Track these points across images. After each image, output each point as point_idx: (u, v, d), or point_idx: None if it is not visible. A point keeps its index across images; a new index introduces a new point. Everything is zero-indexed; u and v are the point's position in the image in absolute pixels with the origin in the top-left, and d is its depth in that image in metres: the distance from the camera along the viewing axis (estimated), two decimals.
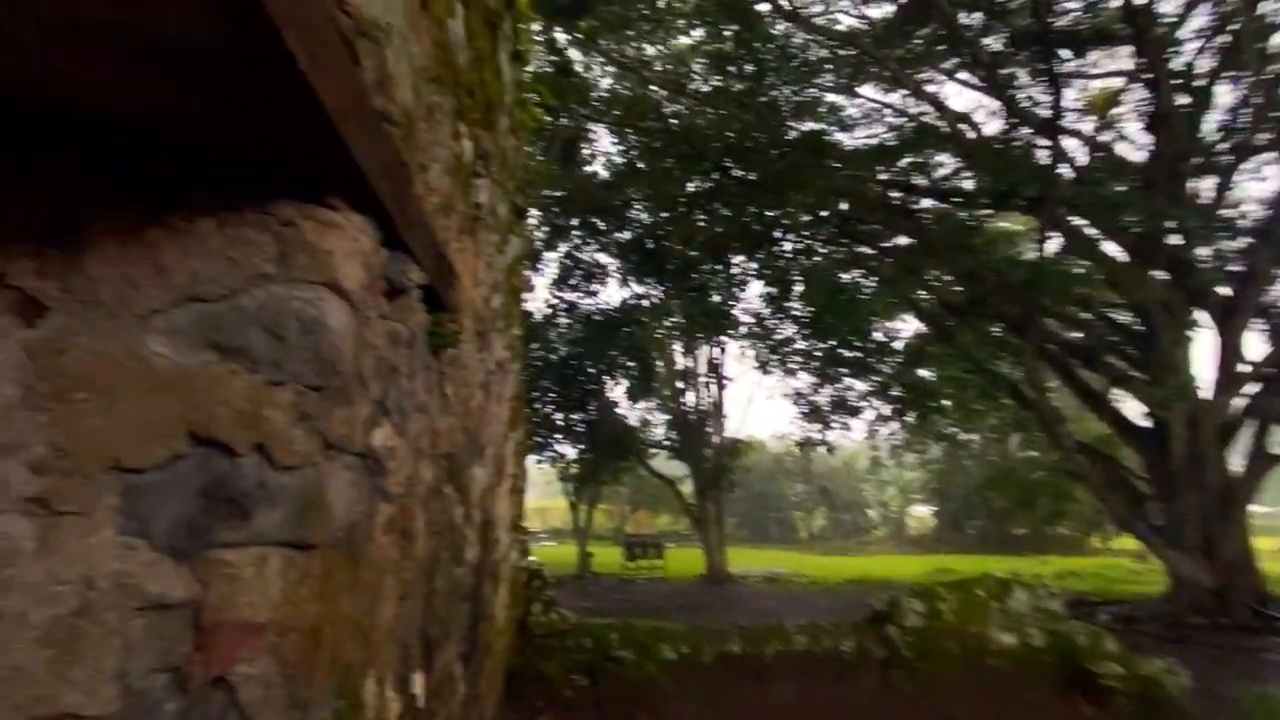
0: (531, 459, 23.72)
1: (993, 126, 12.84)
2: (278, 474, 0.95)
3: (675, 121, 13.06)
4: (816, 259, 15.95)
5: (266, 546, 0.91)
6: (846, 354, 17.36)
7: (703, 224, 14.38)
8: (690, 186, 13.83)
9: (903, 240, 14.37)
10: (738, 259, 15.66)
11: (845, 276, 16.00)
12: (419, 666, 1.65)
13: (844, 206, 13.62)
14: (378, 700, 1.29)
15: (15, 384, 0.88)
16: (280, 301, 1.01)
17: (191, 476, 0.92)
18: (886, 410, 18.07)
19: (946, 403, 16.25)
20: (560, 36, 13.31)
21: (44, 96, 0.86)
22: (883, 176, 13.10)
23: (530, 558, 6.60)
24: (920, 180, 13.15)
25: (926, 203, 14.06)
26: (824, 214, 13.75)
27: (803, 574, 19.79)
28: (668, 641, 5.69)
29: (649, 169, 13.79)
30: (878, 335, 17.69)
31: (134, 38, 0.73)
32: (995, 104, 12.54)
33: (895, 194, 13.35)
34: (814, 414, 18.86)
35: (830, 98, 13.79)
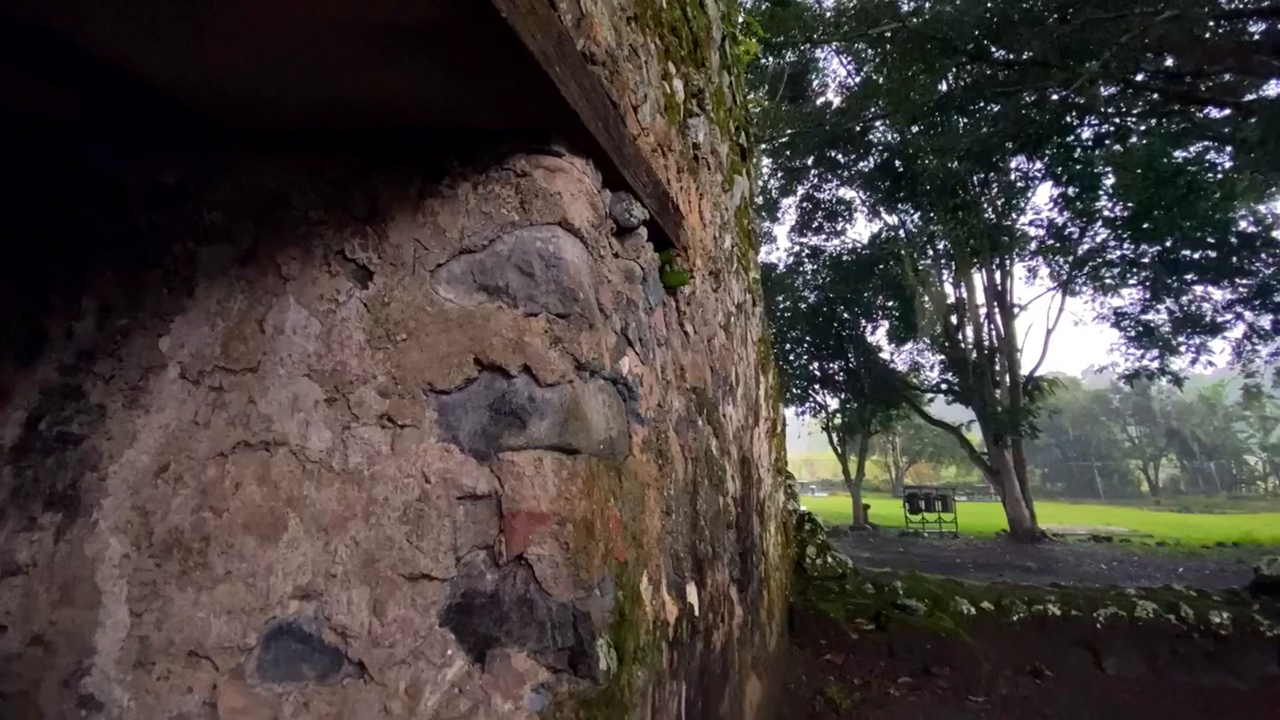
0: (792, 410, 23.65)
1: None
2: (543, 390, 1.10)
3: (915, 20, 11.32)
4: (1134, 140, 12.52)
5: (540, 450, 1.06)
6: (1193, 255, 13.41)
7: (965, 128, 12.31)
8: (942, 88, 11.93)
9: (1274, 88, 10.40)
10: (1015, 162, 13.10)
11: (1181, 154, 12.28)
12: (692, 579, 1.77)
13: (1169, 62, 10.36)
14: (655, 599, 1.42)
15: (361, 330, 1.16)
16: (525, 243, 1.15)
17: (481, 395, 1.11)
18: (1265, 322, 13.55)
19: None
20: None
21: (345, 106, 1.11)
22: (1235, 4, 9.59)
23: (798, 504, 6.59)
24: None
25: None
26: (1139, 78, 10.64)
27: (1146, 534, 16.17)
28: (963, 595, 5.20)
29: (888, 80, 12.25)
30: (1245, 224, 13.27)
31: (375, 29, 0.88)
32: None
33: (1255, 24, 9.68)
34: (1147, 337, 15.04)
35: None
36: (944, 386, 19.06)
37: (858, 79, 15.87)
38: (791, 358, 21.87)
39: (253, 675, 1.05)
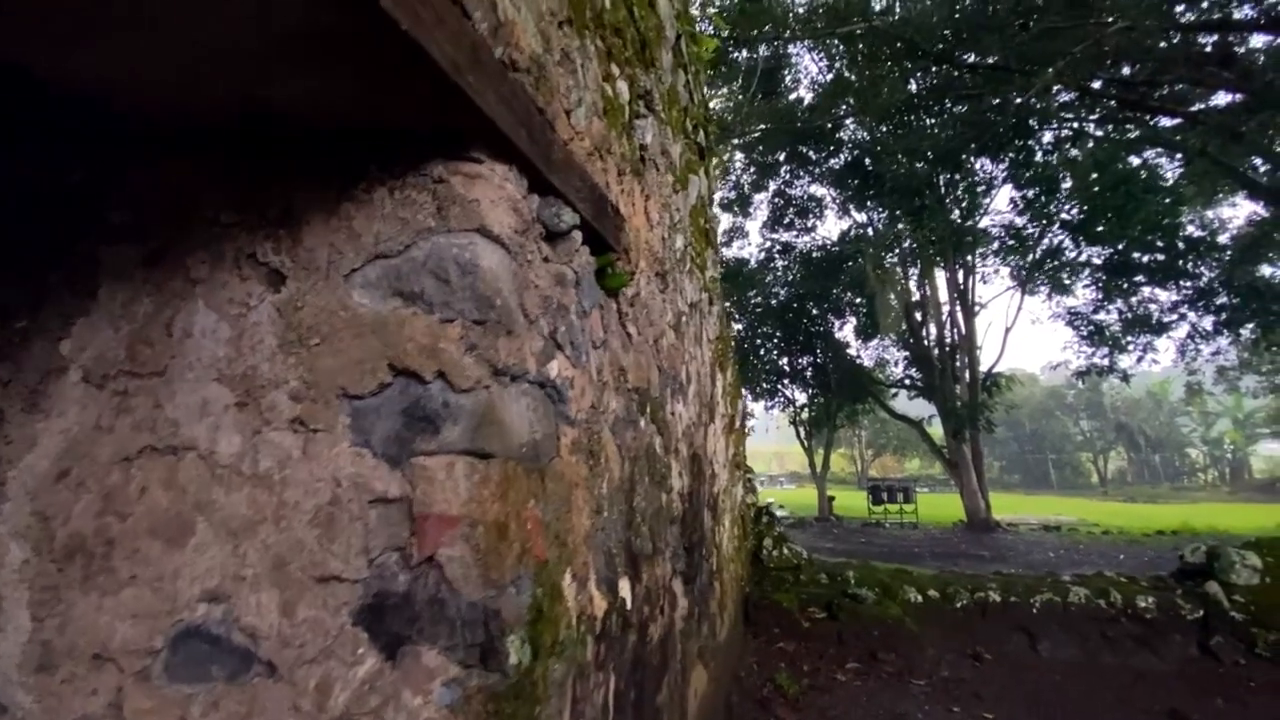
0: (761, 405, 23.93)
1: None
2: (457, 395, 1.11)
3: (884, 20, 11.47)
4: (1091, 145, 12.94)
5: (453, 455, 1.08)
6: (1142, 258, 13.94)
7: (931, 129, 12.57)
8: (911, 88, 12.13)
9: (1222, 98, 10.85)
10: (978, 163, 13.42)
11: (1135, 160, 12.74)
12: (625, 574, 1.81)
13: (1125, 71, 10.71)
14: (580, 595, 1.45)
15: (273, 334, 1.16)
16: (442, 250, 1.16)
17: (395, 400, 1.12)
18: (1207, 324, 14.18)
19: None
20: None
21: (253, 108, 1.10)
22: (1186, 18, 9.96)
23: (765, 497, 6.70)
24: (1244, 10, 9.72)
25: (1258, 40, 10.39)
26: (1095, 85, 10.99)
27: (1093, 523, 16.86)
28: (911, 583, 5.37)
29: (857, 79, 12.42)
30: (1191, 229, 13.83)
31: (278, 35, 0.88)
32: None
33: (1205, 37, 10.08)
34: (1098, 336, 15.62)
35: None
36: (908, 382, 19.53)
37: (829, 76, 16.04)
38: (762, 353, 22.13)
39: (160, 677, 1.05)
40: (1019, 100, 11.33)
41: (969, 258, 16.35)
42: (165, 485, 1.11)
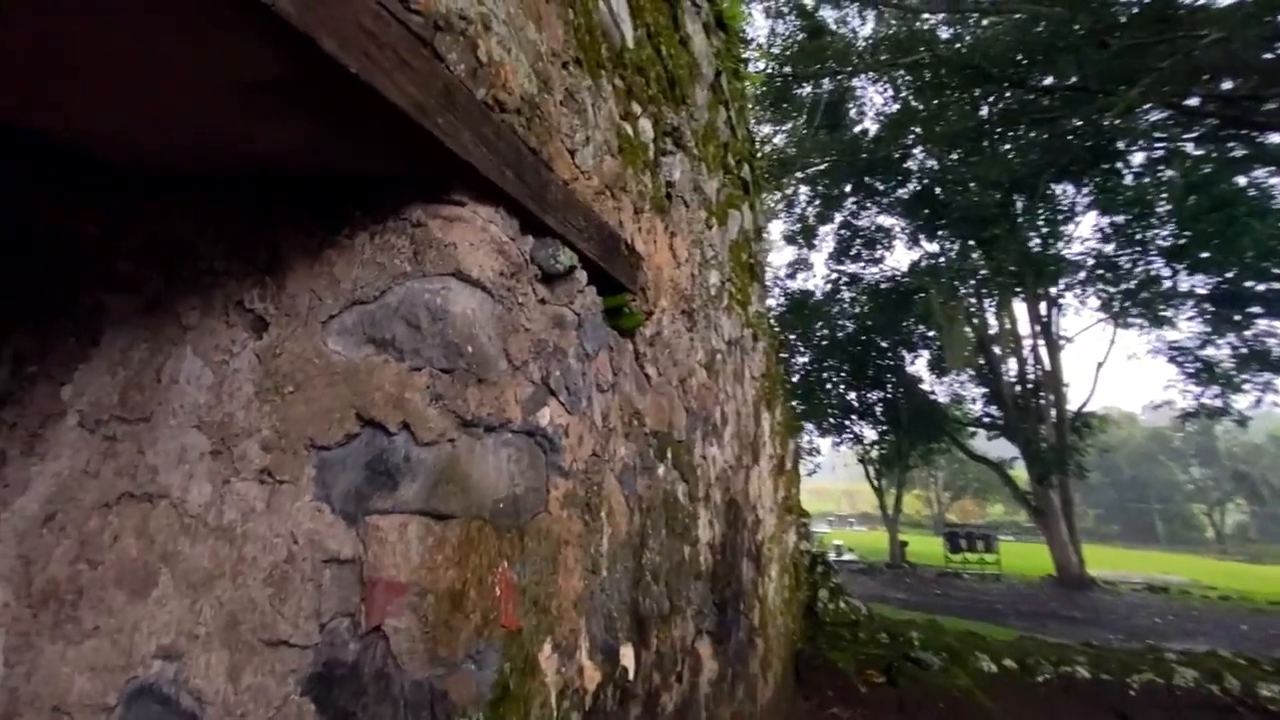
0: (828, 441, 23.04)
1: None
2: (419, 449, 1.06)
3: (951, 48, 11.13)
4: (1190, 165, 11.94)
5: (407, 514, 1.02)
6: (1256, 286, 12.62)
7: (1004, 155, 11.97)
8: (982, 114, 11.64)
9: None
10: (1060, 188, 12.63)
11: (1242, 180, 11.64)
12: (629, 639, 1.68)
13: (1226, 85, 9.87)
14: (565, 666, 1.35)
15: (251, 382, 1.14)
16: (414, 295, 1.12)
17: (361, 452, 1.08)
18: None
19: None
20: None
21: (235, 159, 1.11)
22: None
23: (833, 539, 6.33)
24: None
25: None
26: (1192, 102, 10.18)
27: (1209, 586, 15.02)
28: (984, 650, 4.88)
29: (925, 107, 12.05)
30: None
31: (236, 86, 0.87)
32: None
33: None
34: (1206, 373, 14.16)
35: None
36: (986, 420, 18.32)
37: (895, 107, 15.70)
38: (829, 387, 21.43)
39: None
40: (1104, 121, 10.63)
41: (1051, 288, 15.31)
42: (137, 533, 1.10)
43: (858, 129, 17.38)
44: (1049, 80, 10.06)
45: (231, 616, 1.03)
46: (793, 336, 20.40)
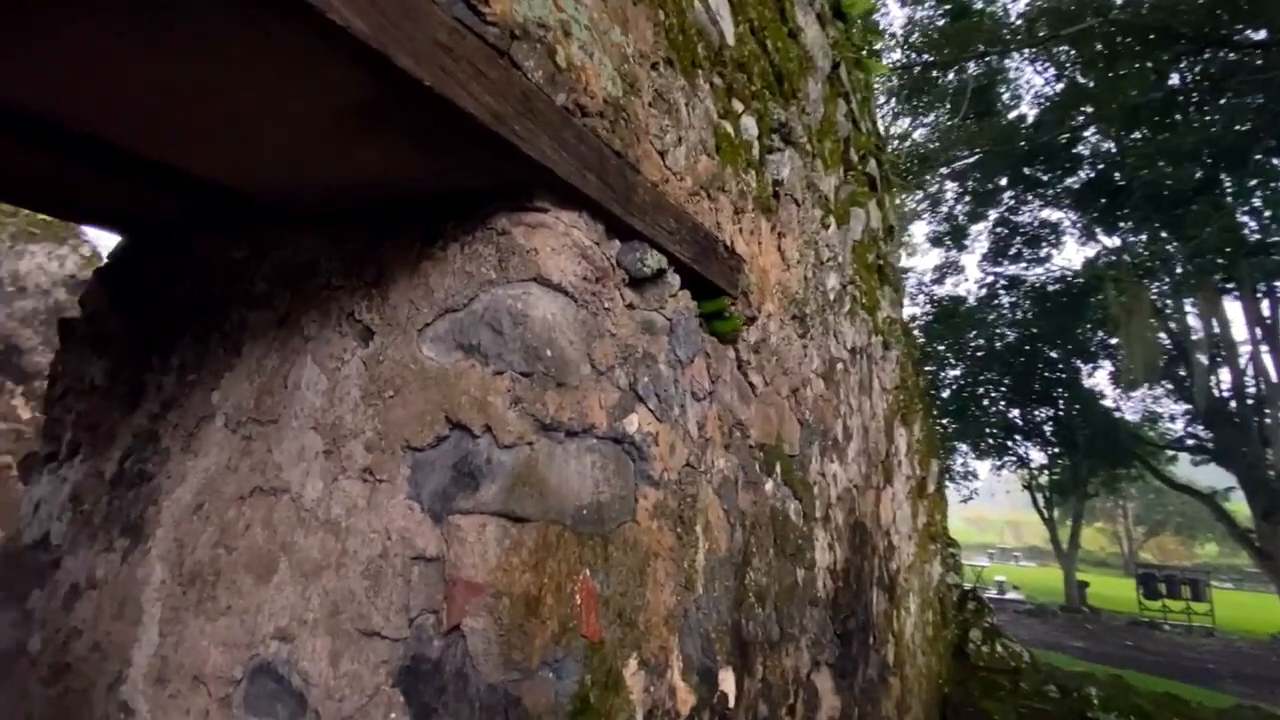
0: (987, 464, 20.78)
1: None
2: (499, 451, 1.07)
3: (1126, 9, 9.69)
4: None
5: (486, 515, 1.03)
6: None
7: (1202, 126, 10.12)
8: (1173, 81, 9.97)
9: None
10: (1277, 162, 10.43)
11: None
12: (730, 663, 1.58)
13: None
14: (655, 685, 1.29)
15: (358, 387, 1.23)
16: (499, 301, 1.14)
17: (449, 453, 1.11)
18: None
19: None
20: None
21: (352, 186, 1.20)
22: None
23: (995, 573, 5.68)
24: None
25: None
26: None
27: None
28: (1190, 717, 4.04)
29: (1097, 83, 10.57)
30: None
31: (330, 114, 0.94)
32: None
33: None
34: None
35: None
36: (1190, 443, 15.49)
37: (1058, 86, 13.99)
38: (986, 403, 19.41)
39: (239, 706, 1.12)
40: None
41: (1276, 282, 12.63)
42: (264, 524, 1.22)
43: (1012, 115, 15.75)
44: (1261, 35, 8.38)
45: (334, 605, 1.09)
46: (941, 347, 18.75)
